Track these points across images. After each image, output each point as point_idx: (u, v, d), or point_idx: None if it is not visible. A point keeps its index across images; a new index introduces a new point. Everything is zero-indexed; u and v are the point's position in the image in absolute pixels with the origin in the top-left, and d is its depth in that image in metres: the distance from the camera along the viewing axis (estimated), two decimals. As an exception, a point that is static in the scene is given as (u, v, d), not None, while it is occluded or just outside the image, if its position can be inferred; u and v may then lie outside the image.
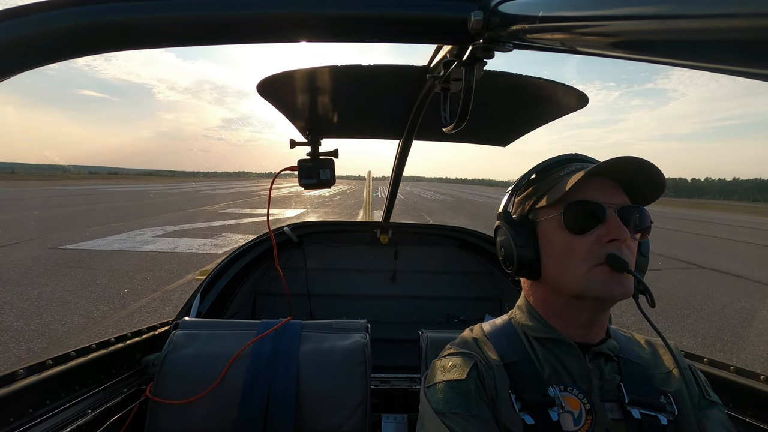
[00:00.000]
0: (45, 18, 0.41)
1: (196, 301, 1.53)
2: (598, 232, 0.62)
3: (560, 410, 0.62)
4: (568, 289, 0.65)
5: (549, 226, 0.67)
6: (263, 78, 0.98)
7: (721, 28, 0.21)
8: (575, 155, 0.74)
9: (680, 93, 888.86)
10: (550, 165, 0.74)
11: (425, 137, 1.55)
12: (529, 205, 0.72)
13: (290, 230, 1.91)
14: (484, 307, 1.96)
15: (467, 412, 0.62)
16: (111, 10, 0.43)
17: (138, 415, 1.08)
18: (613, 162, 0.60)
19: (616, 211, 0.63)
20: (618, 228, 0.61)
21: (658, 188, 0.63)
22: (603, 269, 0.61)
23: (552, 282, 0.68)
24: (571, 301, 0.66)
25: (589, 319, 0.67)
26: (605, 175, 0.65)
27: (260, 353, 1.07)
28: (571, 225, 0.64)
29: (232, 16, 0.45)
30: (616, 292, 0.61)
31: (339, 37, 0.50)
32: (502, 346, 0.71)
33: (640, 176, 0.62)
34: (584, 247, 0.62)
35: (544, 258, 0.68)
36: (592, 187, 0.64)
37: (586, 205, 0.63)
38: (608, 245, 0.61)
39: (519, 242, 0.69)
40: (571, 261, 0.64)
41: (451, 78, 0.71)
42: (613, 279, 0.61)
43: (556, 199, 0.65)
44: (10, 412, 0.81)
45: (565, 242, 0.65)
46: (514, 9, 0.42)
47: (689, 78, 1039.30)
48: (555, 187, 0.67)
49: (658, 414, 0.62)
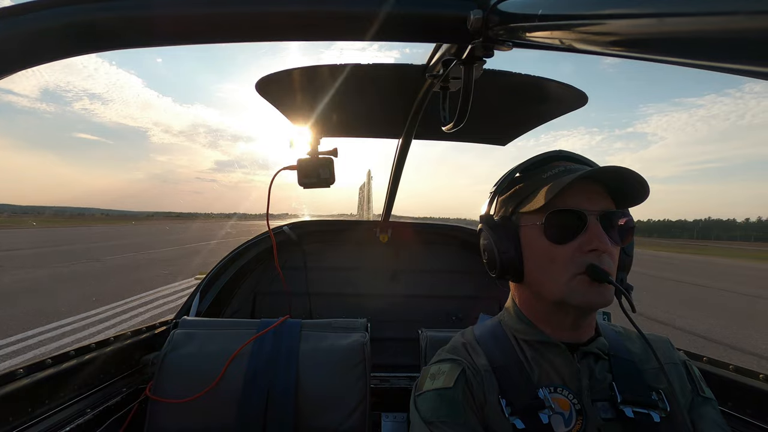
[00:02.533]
0: (38, 17, 0.40)
1: (196, 301, 1.53)
2: (579, 240, 0.61)
3: (550, 412, 0.61)
4: (549, 295, 0.64)
5: (531, 233, 0.66)
6: (262, 76, 0.97)
7: (720, 26, 0.21)
8: (560, 152, 0.72)
9: (659, 137, 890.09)
10: (534, 164, 0.72)
11: (424, 136, 1.55)
12: (512, 207, 0.71)
13: (290, 229, 1.91)
14: (483, 306, 1.96)
15: (455, 421, 0.62)
16: (103, 9, 0.42)
17: (137, 414, 1.08)
18: (596, 171, 0.60)
19: (598, 218, 0.62)
20: (599, 237, 0.60)
21: (642, 192, 0.62)
22: (583, 279, 0.60)
23: (534, 287, 0.68)
24: (553, 306, 0.66)
25: (574, 323, 0.67)
26: (591, 179, 0.64)
27: (260, 352, 1.07)
28: (552, 235, 0.63)
29: (229, 14, 0.45)
30: (595, 302, 0.60)
31: (337, 35, 0.50)
32: (492, 349, 0.71)
33: (623, 182, 0.62)
34: (565, 256, 0.62)
35: (527, 263, 0.67)
36: (576, 191, 0.63)
37: (567, 215, 0.62)
38: (589, 254, 0.61)
39: (501, 247, 0.69)
40: (552, 269, 0.63)
41: (450, 77, 0.71)
42: (593, 289, 0.60)
43: (537, 206, 0.64)
44: (9, 412, 0.81)
45: (546, 250, 0.64)
46: (513, 8, 0.42)
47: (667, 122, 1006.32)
48: (537, 192, 0.66)
49: (650, 411, 0.62)
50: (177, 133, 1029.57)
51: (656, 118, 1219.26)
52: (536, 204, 0.64)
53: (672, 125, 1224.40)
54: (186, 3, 0.44)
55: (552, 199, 0.61)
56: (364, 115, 1.36)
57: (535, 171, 0.70)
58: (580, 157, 0.71)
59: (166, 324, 1.36)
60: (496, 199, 0.75)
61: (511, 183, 0.73)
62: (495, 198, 0.75)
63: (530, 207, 0.66)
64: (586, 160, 0.71)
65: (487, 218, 0.74)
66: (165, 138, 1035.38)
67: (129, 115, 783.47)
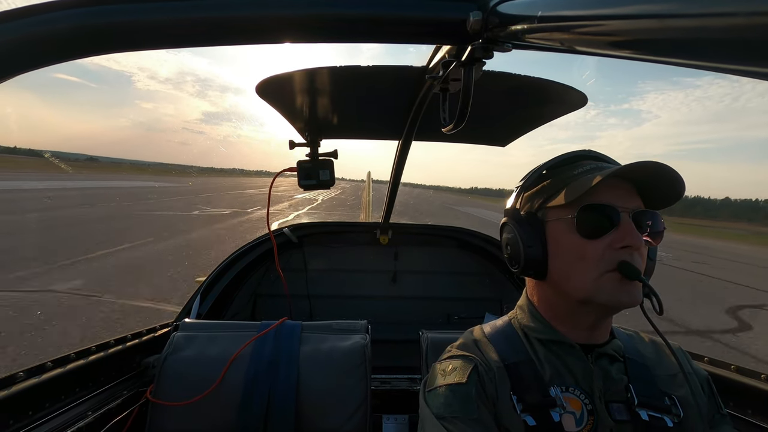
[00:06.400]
0: (49, 19, 0.41)
1: (196, 303, 1.53)
2: (611, 237, 0.60)
3: (562, 411, 0.61)
4: (574, 293, 0.63)
5: (559, 228, 0.65)
6: (262, 79, 0.98)
7: (720, 27, 0.21)
8: (588, 152, 0.71)
9: (654, 115, 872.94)
10: (562, 161, 0.70)
11: (424, 138, 1.55)
12: (539, 203, 0.69)
13: (290, 231, 1.91)
14: (485, 308, 1.95)
15: (468, 416, 0.61)
16: (114, 12, 0.43)
17: (138, 416, 1.08)
18: (634, 166, 0.58)
19: (630, 215, 0.61)
20: (632, 234, 0.59)
21: (674, 194, 0.61)
22: (613, 276, 0.59)
23: (557, 284, 0.66)
24: (576, 305, 0.64)
25: (593, 323, 0.66)
26: (621, 177, 0.62)
27: (260, 354, 1.06)
28: (584, 229, 0.61)
29: (234, 17, 0.45)
30: (624, 300, 0.59)
31: (337, 37, 0.50)
32: (503, 347, 0.70)
33: (658, 181, 0.61)
34: (596, 253, 0.60)
35: (553, 259, 0.66)
36: (606, 189, 0.61)
37: (600, 209, 0.61)
38: (620, 251, 0.59)
39: (527, 241, 0.67)
40: (581, 265, 0.61)
41: (450, 78, 0.71)
42: (623, 287, 0.59)
43: (569, 200, 0.62)
44: (9, 415, 0.81)
45: (575, 246, 0.62)
46: (513, 9, 0.42)
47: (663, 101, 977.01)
48: (568, 187, 0.64)
49: (664, 416, 0.62)
50: (164, 80, 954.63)
51: (653, 96, 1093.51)
52: (567, 198, 0.63)
53: (668, 104, 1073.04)
54: (193, 8, 0.44)
55: (584, 194, 0.60)
56: (364, 117, 1.37)
57: (563, 168, 0.69)
58: (606, 157, 0.71)
59: (167, 326, 1.36)
60: (521, 194, 0.73)
61: (538, 179, 0.72)
62: (521, 194, 0.74)
63: (560, 202, 0.64)
64: (612, 160, 0.70)
65: (513, 212, 0.72)
66: (151, 84, 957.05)
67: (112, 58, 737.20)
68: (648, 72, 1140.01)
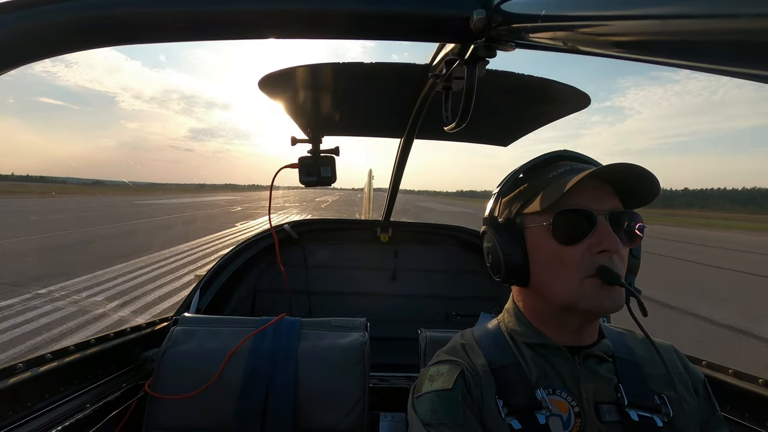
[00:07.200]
0: (45, 11, 0.41)
1: (196, 298, 1.53)
2: (588, 241, 0.60)
3: (548, 413, 0.61)
4: (557, 299, 0.63)
5: (537, 234, 0.64)
6: (265, 74, 0.97)
7: (723, 28, 0.21)
8: (564, 152, 0.70)
9: (636, 110, 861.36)
10: (538, 164, 0.70)
11: (426, 136, 1.55)
12: (516, 208, 0.68)
13: (291, 227, 1.91)
14: (484, 306, 1.95)
15: (454, 422, 0.61)
16: (107, 4, 0.42)
17: (137, 410, 1.08)
18: (606, 168, 0.58)
19: (607, 217, 0.60)
20: (609, 237, 0.59)
21: (651, 192, 0.61)
22: (593, 281, 0.59)
23: (540, 291, 0.66)
24: (560, 310, 0.64)
25: (579, 327, 0.66)
26: (597, 178, 0.62)
27: (259, 350, 1.07)
28: (561, 235, 0.61)
29: (233, 11, 0.45)
30: (607, 306, 0.59)
31: (340, 34, 0.50)
32: (491, 350, 0.70)
33: (633, 180, 0.60)
34: (575, 258, 0.60)
35: (533, 266, 0.65)
36: (582, 191, 0.61)
37: (575, 214, 0.60)
38: (599, 256, 0.59)
39: (506, 249, 0.66)
40: (561, 272, 0.61)
41: (452, 77, 0.71)
42: (604, 292, 0.59)
43: (544, 207, 0.62)
44: (8, 406, 0.81)
45: (554, 252, 0.62)
46: (516, 8, 0.42)
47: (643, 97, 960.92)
48: (543, 191, 0.64)
49: (654, 415, 0.62)
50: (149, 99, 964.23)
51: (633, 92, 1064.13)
52: (543, 204, 0.62)
53: (648, 99, 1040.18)
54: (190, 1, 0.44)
55: (559, 198, 0.59)
56: (367, 114, 1.36)
57: (539, 171, 0.68)
58: (584, 157, 0.70)
59: (166, 321, 1.36)
60: (499, 200, 0.73)
61: (515, 184, 0.71)
62: (498, 199, 0.73)
63: (536, 207, 0.64)
64: (590, 159, 0.70)
65: (491, 220, 0.72)
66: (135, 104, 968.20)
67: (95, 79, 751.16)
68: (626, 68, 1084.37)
